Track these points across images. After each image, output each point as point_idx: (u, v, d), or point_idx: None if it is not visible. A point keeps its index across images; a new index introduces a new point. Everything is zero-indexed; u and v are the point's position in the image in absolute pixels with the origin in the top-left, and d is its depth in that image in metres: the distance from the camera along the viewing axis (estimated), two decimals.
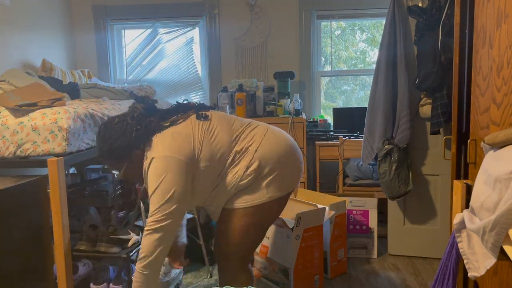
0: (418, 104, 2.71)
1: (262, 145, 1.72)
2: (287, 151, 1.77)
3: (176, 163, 1.60)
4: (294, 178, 1.81)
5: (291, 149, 1.79)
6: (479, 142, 1.60)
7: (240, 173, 1.69)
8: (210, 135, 1.70)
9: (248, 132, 1.75)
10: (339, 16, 3.87)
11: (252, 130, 1.77)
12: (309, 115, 3.86)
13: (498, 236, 0.99)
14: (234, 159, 1.70)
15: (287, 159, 1.76)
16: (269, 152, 1.72)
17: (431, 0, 2.58)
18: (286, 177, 1.76)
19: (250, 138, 1.73)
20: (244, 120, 1.83)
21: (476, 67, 1.68)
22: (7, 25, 2.92)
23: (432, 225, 2.89)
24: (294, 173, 1.80)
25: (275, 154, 1.73)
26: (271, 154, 1.72)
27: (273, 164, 1.71)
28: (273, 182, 1.71)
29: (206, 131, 1.70)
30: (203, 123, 1.72)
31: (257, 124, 1.81)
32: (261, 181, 1.71)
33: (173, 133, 1.66)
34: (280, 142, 1.76)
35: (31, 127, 2.00)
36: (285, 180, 1.76)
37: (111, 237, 2.20)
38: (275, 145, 1.74)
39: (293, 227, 2.32)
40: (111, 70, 3.97)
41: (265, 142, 1.73)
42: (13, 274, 1.88)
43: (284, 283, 2.44)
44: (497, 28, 1.47)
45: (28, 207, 1.97)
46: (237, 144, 1.71)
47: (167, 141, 1.64)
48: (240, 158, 1.70)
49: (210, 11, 3.81)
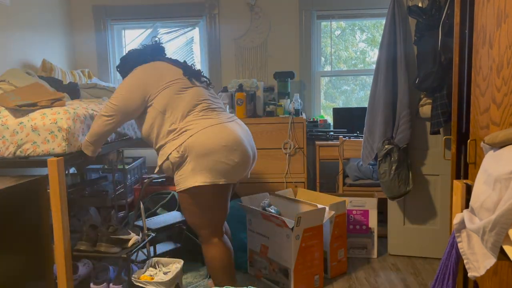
0: (418, 104, 2.71)
1: (198, 134, 1.97)
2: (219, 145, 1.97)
3: (137, 80, 2.08)
4: (225, 170, 1.99)
5: (227, 145, 1.98)
6: (479, 142, 1.60)
7: (172, 148, 2.00)
8: (177, 92, 2.05)
9: (194, 118, 2.02)
10: (339, 16, 3.87)
11: (202, 118, 2.03)
12: (309, 115, 3.86)
13: (498, 236, 0.99)
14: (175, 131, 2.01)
15: (221, 153, 1.96)
16: (201, 143, 1.96)
17: (431, 0, 2.58)
18: (214, 169, 1.96)
19: (192, 124, 2.01)
20: (206, 106, 2.08)
21: (476, 67, 1.68)
22: (7, 25, 2.92)
23: (432, 225, 2.89)
24: (224, 166, 1.98)
25: (207, 147, 1.96)
26: (203, 146, 1.96)
27: (197, 155, 1.96)
28: (196, 170, 1.96)
29: (178, 88, 2.06)
30: (183, 81, 2.09)
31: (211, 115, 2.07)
32: (189, 168, 1.97)
33: (155, 64, 2.13)
34: (215, 137, 1.98)
35: (31, 127, 2.00)
36: (212, 171, 1.96)
37: (111, 237, 2.20)
38: (206, 137, 1.97)
39: (293, 227, 2.32)
40: (111, 70, 3.97)
41: (200, 133, 1.98)
42: (13, 274, 1.88)
43: (284, 283, 2.44)
44: (497, 28, 1.47)
45: (28, 207, 1.97)
46: (182, 122, 2.02)
47: (145, 67, 2.12)
48: (177, 136, 2.01)
49: (210, 11, 3.81)
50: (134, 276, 2.19)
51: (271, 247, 2.51)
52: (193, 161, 1.97)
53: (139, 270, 2.26)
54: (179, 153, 1.98)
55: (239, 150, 2.02)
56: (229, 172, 2.00)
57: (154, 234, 2.50)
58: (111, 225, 2.27)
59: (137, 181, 3.50)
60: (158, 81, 2.06)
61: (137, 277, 2.19)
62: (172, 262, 2.35)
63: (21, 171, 2.29)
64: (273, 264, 2.51)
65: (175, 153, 1.99)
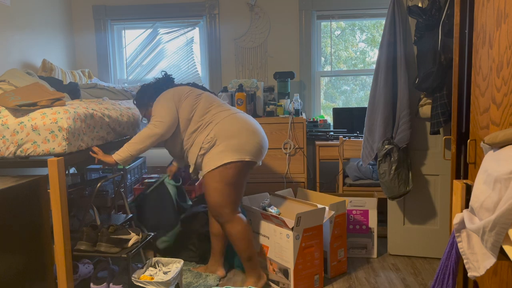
0: (418, 104, 2.71)
1: (220, 122, 2.38)
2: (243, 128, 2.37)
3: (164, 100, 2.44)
4: (249, 149, 2.35)
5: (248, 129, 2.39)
6: (479, 142, 1.60)
7: (202, 139, 2.39)
8: (195, 98, 2.46)
9: (215, 112, 2.42)
10: (339, 16, 3.87)
11: (221, 111, 2.43)
12: (309, 115, 3.86)
13: (498, 236, 0.99)
14: (200, 127, 2.41)
15: (245, 135, 2.36)
16: (227, 128, 2.36)
17: (431, 0, 2.58)
18: (240, 148, 2.33)
19: (214, 116, 2.41)
20: (220, 103, 2.50)
21: (476, 67, 1.68)
22: (7, 25, 2.92)
23: (432, 225, 2.89)
24: (249, 146, 2.35)
25: (233, 130, 2.35)
26: (229, 130, 2.35)
27: (226, 138, 2.33)
28: (225, 151, 2.31)
29: (195, 95, 2.47)
30: (195, 91, 2.52)
31: (227, 108, 2.48)
32: (218, 150, 2.33)
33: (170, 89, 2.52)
34: (238, 123, 2.39)
35: (31, 127, 2.00)
36: (239, 150, 2.32)
37: (111, 237, 2.20)
38: (230, 124, 2.37)
39: (293, 227, 2.32)
40: (111, 70, 3.97)
41: (224, 121, 2.38)
42: (13, 274, 1.88)
43: (284, 283, 2.44)
44: (497, 28, 1.47)
45: (28, 207, 1.97)
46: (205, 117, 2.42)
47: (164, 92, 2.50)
48: (203, 129, 2.40)
49: (210, 11, 3.81)
50: (134, 276, 2.19)
51: (271, 247, 2.51)
52: (222, 143, 2.33)
53: (139, 270, 2.26)
54: (209, 140, 2.35)
55: (257, 133, 2.42)
56: (252, 151, 2.37)
57: (155, 233, 2.51)
58: (111, 225, 2.27)
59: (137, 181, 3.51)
60: (179, 96, 2.45)
61: (137, 277, 2.19)
62: (172, 262, 2.35)
63: (21, 171, 2.29)
64: (273, 264, 2.51)
65: (206, 141, 2.36)
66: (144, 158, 3.72)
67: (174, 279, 2.20)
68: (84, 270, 2.39)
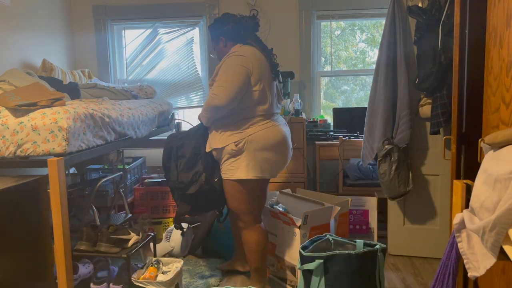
0: (418, 104, 2.71)
1: (254, 135, 2.19)
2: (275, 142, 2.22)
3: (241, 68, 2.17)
4: (275, 167, 2.26)
5: (281, 147, 2.26)
6: None
7: (230, 140, 2.18)
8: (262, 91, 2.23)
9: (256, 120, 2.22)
10: (339, 16, 3.87)
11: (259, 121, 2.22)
12: (309, 115, 3.86)
13: (498, 236, 0.99)
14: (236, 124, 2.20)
15: (272, 150, 2.21)
16: (256, 141, 2.18)
17: (431, 0, 2.58)
18: (268, 167, 2.21)
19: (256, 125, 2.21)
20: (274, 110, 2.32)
21: (488, 67, 1.68)
22: (7, 25, 2.92)
23: (432, 225, 2.89)
24: (277, 163, 2.26)
25: (261, 144, 2.18)
26: (257, 143, 2.18)
27: (255, 150, 2.17)
28: (251, 166, 2.17)
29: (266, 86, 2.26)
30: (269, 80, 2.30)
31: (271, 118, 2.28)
32: (244, 162, 2.17)
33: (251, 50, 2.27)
34: (272, 135, 2.22)
35: (31, 127, 2.00)
36: (265, 169, 2.20)
37: (111, 237, 2.20)
38: (265, 138, 2.20)
39: (300, 225, 2.32)
40: (111, 70, 3.97)
41: (258, 134, 2.19)
42: (13, 274, 1.88)
43: (291, 280, 2.44)
44: (506, 28, 1.47)
45: (28, 207, 1.97)
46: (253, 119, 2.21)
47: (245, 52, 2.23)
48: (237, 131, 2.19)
49: (210, 11, 3.81)
50: (134, 276, 2.19)
51: (279, 244, 2.51)
52: (249, 156, 2.18)
53: (139, 270, 2.26)
54: (237, 147, 2.18)
55: (287, 151, 2.32)
56: (278, 170, 2.32)
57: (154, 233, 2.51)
58: (111, 225, 2.27)
59: (137, 181, 3.51)
60: (257, 69, 2.22)
61: (137, 277, 2.19)
62: (172, 262, 2.35)
63: (21, 171, 2.29)
64: (281, 262, 2.51)
65: (233, 145, 2.18)
66: (144, 158, 3.72)
67: (174, 279, 2.20)
68: (84, 270, 2.39)
